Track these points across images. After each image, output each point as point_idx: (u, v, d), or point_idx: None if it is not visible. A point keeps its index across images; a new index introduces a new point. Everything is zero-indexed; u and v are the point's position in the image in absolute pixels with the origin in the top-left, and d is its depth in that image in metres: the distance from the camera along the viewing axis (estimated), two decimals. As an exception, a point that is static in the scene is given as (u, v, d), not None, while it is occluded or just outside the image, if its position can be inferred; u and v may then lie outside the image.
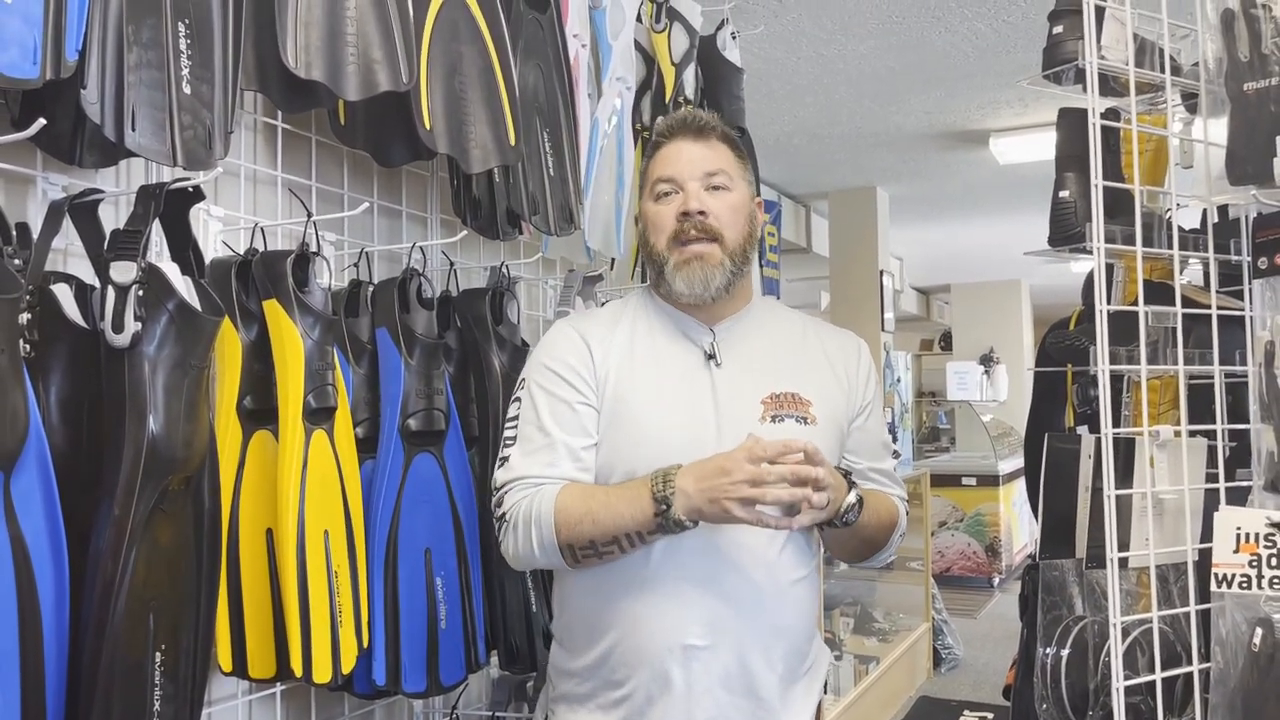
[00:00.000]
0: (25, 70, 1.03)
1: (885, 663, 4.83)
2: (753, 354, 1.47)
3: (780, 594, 1.40)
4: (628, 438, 1.39)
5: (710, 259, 1.42)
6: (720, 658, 1.36)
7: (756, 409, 1.41)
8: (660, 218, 1.44)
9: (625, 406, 1.41)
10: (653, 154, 1.49)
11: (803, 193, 6.66)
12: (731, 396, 1.42)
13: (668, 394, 1.42)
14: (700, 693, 1.35)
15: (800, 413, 1.42)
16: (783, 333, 1.52)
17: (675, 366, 1.44)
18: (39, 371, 1.13)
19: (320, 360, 1.42)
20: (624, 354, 1.44)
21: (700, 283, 1.41)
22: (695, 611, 1.35)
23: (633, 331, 1.47)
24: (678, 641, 1.35)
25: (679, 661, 1.35)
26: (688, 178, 1.43)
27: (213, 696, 1.51)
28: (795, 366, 1.47)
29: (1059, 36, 1.63)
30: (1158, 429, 1.52)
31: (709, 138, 1.47)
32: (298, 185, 1.69)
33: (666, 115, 1.55)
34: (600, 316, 1.53)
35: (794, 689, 1.44)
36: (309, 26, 1.38)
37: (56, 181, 1.30)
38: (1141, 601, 1.56)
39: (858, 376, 1.52)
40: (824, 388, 1.47)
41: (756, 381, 1.44)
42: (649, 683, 1.36)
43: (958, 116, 4.89)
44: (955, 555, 7.62)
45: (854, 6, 3.52)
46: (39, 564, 1.05)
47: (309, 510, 1.38)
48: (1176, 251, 1.55)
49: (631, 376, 1.43)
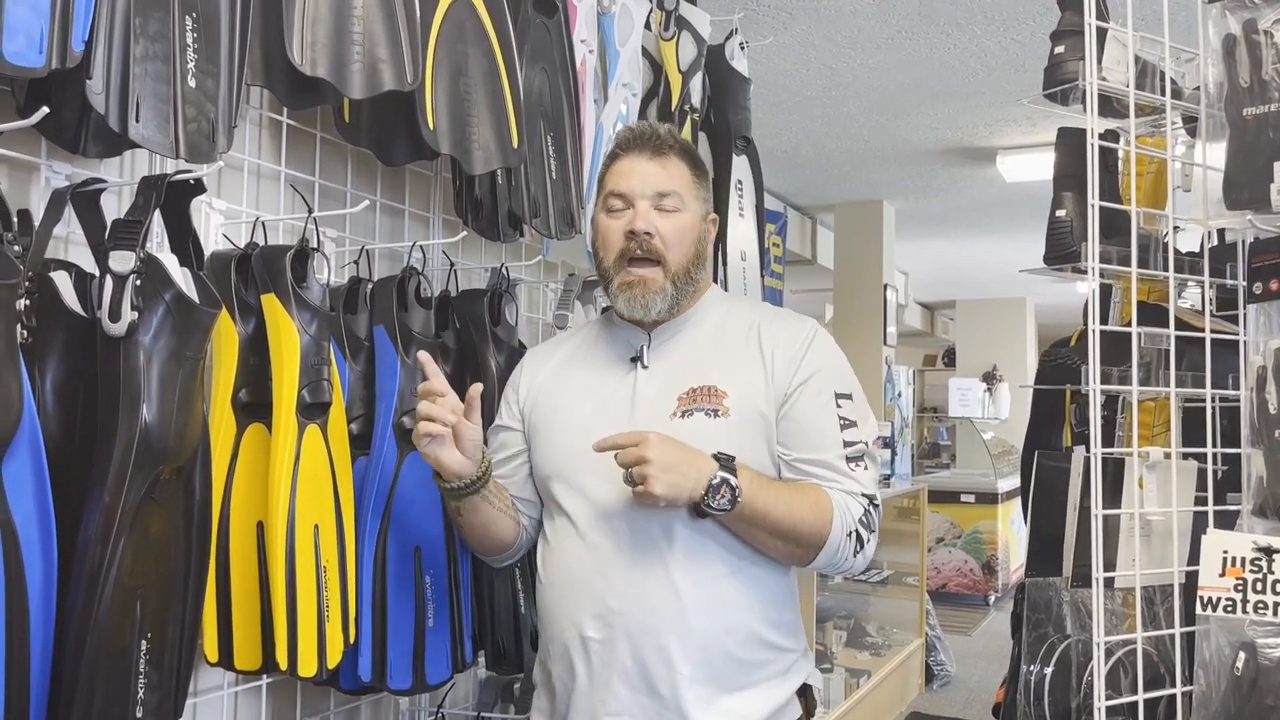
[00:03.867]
0: (31, 59, 1.04)
1: (877, 677, 4.83)
2: (680, 354, 1.50)
3: (678, 594, 1.38)
4: (547, 443, 1.52)
5: (652, 284, 1.45)
6: (616, 652, 1.39)
7: (670, 405, 1.44)
8: (609, 233, 1.48)
9: (549, 415, 1.53)
10: (609, 164, 1.52)
11: (808, 204, 6.66)
12: (649, 396, 1.47)
13: (588, 399, 1.51)
14: (600, 685, 1.40)
15: (711, 405, 1.43)
16: (725, 328, 1.52)
17: (601, 373, 1.53)
18: (35, 358, 1.13)
19: (316, 355, 1.43)
20: (558, 368, 1.57)
21: (640, 307, 1.46)
22: (590, 604, 1.41)
23: (577, 347, 1.59)
24: (576, 633, 1.42)
25: (580, 653, 1.42)
26: (639, 195, 1.46)
27: (199, 687, 1.52)
28: (720, 361, 1.47)
29: (1060, 57, 1.64)
30: (1147, 450, 1.52)
31: (665, 155, 1.48)
32: (301, 181, 1.70)
33: (628, 126, 1.58)
34: (558, 337, 1.66)
35: (733, 697, 1.39)
36: (315, 24, 1.39)
37: (60, 170, 1.31)
38: (1127, 622, 1.57)
39: (787, 360, 1.45)
40: (747, 378, 1.45)
41: (677, 379, 1.47)
42: (564, 674, 1.45)
43: (965, 133, 4.89)
44: (951, 572, 7.61)
45: (863, 21, 3.53)
46: (28, 549, 1.06)
47: (300, 505, 1.38)
48: (1172, 274, 1.56)
49: (557, 387, 1.55)
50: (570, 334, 1.66)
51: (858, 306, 6.53)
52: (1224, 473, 1.60)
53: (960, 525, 7.65)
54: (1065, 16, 1.69)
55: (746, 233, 2.57)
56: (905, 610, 5.64)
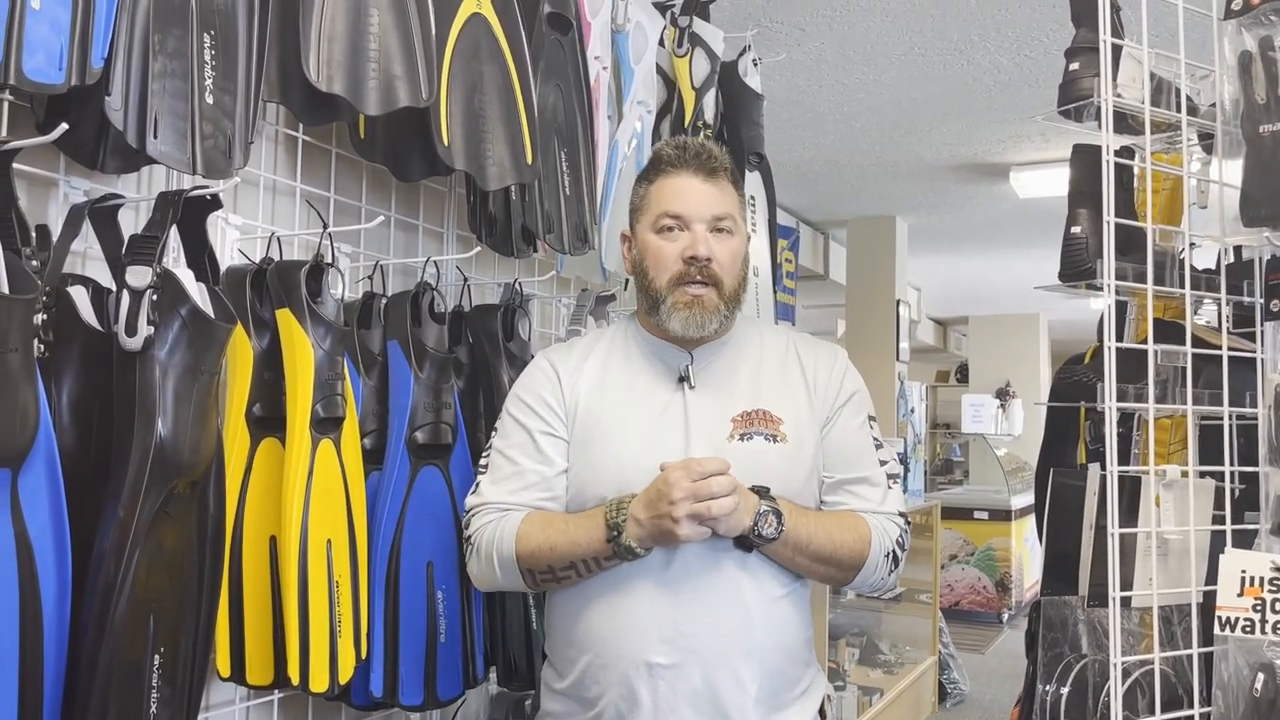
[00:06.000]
0: (50, 76, 1.05)
1: (889, 695, 4.79)
2: (728, 375, 1.48)
3: (749, 614, 1.39)
4: (599, 461, 1.44)
5: (708, 303, 1.44)
6: (686, 677, 1.37)
7: (726, 428, 1.43)
8: (663, 255, 1.45)
9: (595, 432, 1.46)
10: (656, 179, 1.49)
11: (821, 220, 6.67)
12: (702, 418, 1.44)
13: (638, 418, 1.45)
14: (667, 711, 1.37)
15: (770, 430, 1.43)
16: (763, 352, 1.52)
17: (647, 391, 1.48)
18: (52, 372, 1.14)
19: (330, 370, 1.43)
20: (595, 381, 1.49)
21: (696, 326, 1.44)
22: (658, 629, 1.37)
23: (607, 359, 1.52)
24: (642, 659, 1.37)
25: (645, 680, 1.37)
26: (695, 218, 1.44)
27: (211, 701, 1.52)
28: (769, 385, 1.48)
29: (1075, 73, 1.64)
30: (1164, 468, 1.51)
31: (719, 177, 1.47)
32: (317, 197, 1.70)
33: (672, 140, 1.55)
34: (576, 346, 1.58)
35: (780, 715, 1.42)
36: (332, 41, 1.40)
37: (78, 185, 1.32)
38: (1144, 642, 1.55)
39: (828, 385, 1.50)
40: (797, 405, 1.47)
41: (728, 401, 1.45)
42: (618, 701, 1.39)
43: (979, 149, 4.89)
44: (965, 589, 7.56)
45: (876, 37, 3.54)
46: (42, 563, 1.06)
47: (312, 519, 1.38)
48: (1189, 291, 1.55)
49: (601, 402, 1.47)
50: (588, 341, 1.58)
51: (870, 322, 6.52)
52: (1242, 491, 1.59)
53: (974, 542, 7.60)
54: (1080, 33, 1.68)
55: (759, 248, 2.57)
56: (918, 628, 5.60)
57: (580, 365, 1.51)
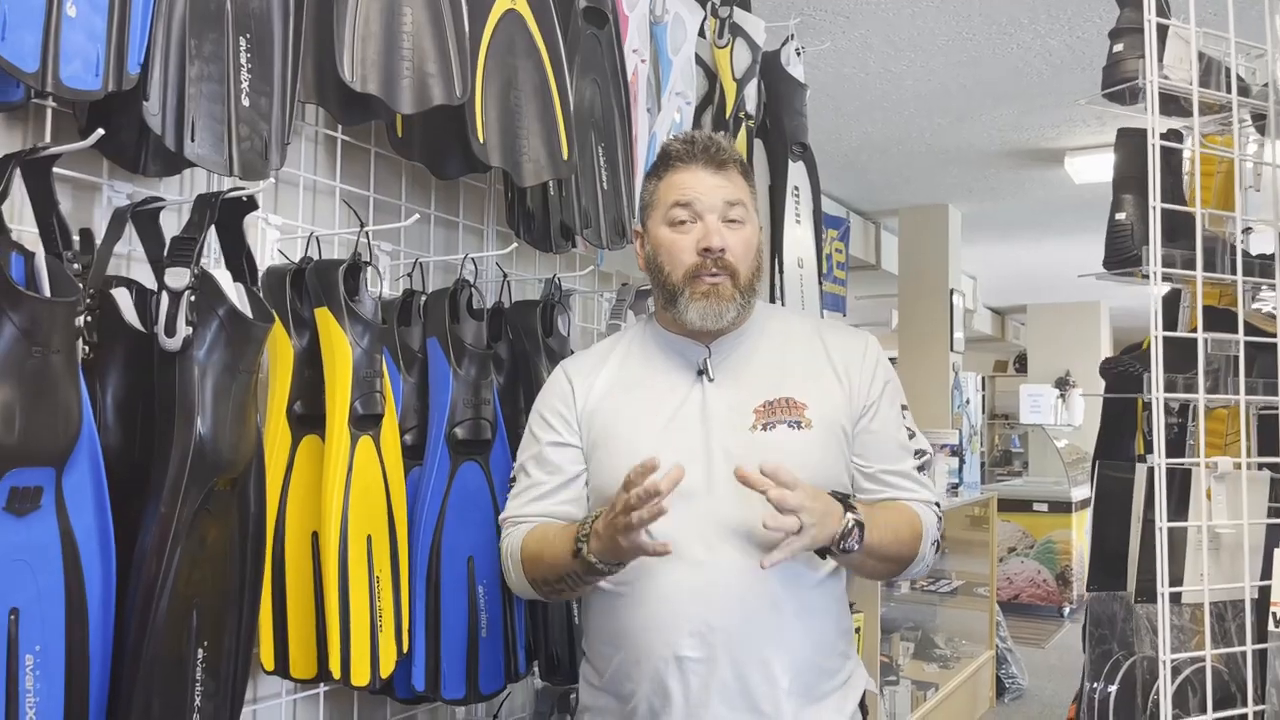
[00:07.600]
0: (88, 83, 1.07)
1: (945, 690, 4.74)
2: (748, 365, 1.47)
3: (779, 608, 1.38)
4: (618, 460, 1.41)
5: (724, 292, 1.43)
6: (716, 670, 1.36)
7: (749, 418, 1.42)
8: (677, 248, 1.44)
9: (610, 432, 1.46)
10: (665, 174, 1.48)
11: (872, 209, 6.59)
12: (722, 409, 1.43)
13: (653, 415, 1.45)
14: (698, 706, 1.36)
15: (794, 417, 1.41)
16: (786, 340, 1.51)
17: (665, 387, 1.47)
18: (96, 373, 1.16)
19: (368, 368, 1.44)
20: (611, 383, 1.50)
21: (714, 316, 1.43)
22: (688, 623, 1.36)
23: (625, 359, 1.53)
24: (671, 653, 1.37)
25: (675, 674, 1.37)
26: (706, 209, 1.43)
27: (258, 694, 1.54)
28: (792, 372, 1.46)
29: (1119, 55, 1.59)
30: (1215, 460, 1.47)
31: (727, 167, 1.46)
32: (356, 196, 1.72)
33: (680, 134, 1.54)
34: (593, 351, 1.59)
35: (815, 708, 1.40)
36: (366, 41, 1.41)
37: (121, 189, 1.34)
38: (1195, 638, 1.51)
39: (861, 374, 1.48)
40: (823, 390, 1.45)
41: (750, 391, 1.44)
42: (650, 695, 1.39)
43: (1031, 134, 4.80)
44: (1024, 582, 7.45)
45: (923, 23, 3.48)
46: (88, 560, 1.09)
47: (352, 515, 1.40)
48: (1240, 277, 1.50)
49: (617, 403, 1.48)
50: (607, 345, 1.59)
51: (924, 312, 6.43)
52: (1300, 483, 1.54)
53: (1033, 535, 7.49)
54: (1124, 13, 1.64)
55: (803, 239, 2.55)
56: (975, 621, 5.53)
57: (596, 369, 1.52)
